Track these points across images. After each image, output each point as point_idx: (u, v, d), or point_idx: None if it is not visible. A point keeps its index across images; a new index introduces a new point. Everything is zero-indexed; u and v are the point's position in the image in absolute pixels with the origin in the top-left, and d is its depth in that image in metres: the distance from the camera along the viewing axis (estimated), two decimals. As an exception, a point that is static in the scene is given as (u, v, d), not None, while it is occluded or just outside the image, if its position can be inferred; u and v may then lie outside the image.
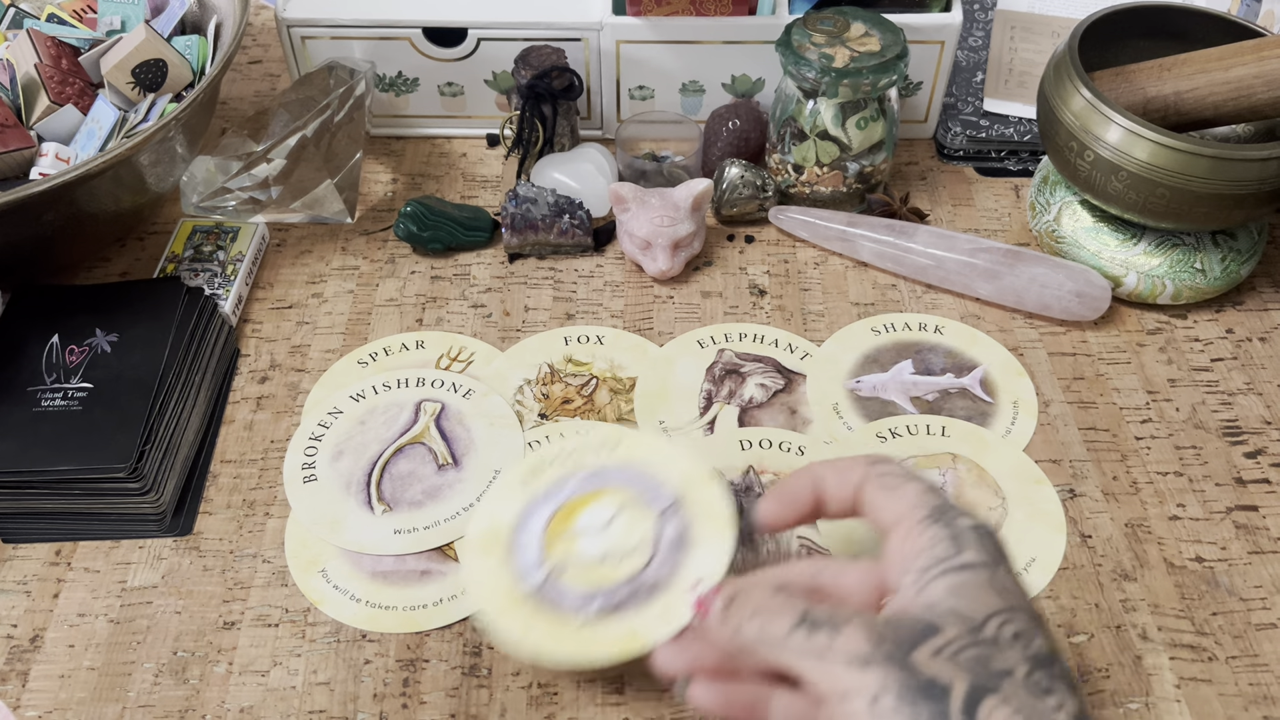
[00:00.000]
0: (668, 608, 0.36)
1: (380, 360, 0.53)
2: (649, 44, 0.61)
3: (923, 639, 0.29)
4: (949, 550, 0.31)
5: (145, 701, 0.40)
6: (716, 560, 0.37)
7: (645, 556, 0.37)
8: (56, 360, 0.48)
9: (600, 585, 0.37)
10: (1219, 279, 0.53)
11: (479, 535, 0.39)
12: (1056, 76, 0.52)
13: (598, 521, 0.39)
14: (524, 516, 0.40)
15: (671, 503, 0.39)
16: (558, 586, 0.37)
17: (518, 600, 0.37)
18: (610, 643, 0.36)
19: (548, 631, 0.36)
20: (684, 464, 0.40)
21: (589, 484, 0.40)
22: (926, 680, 0.28)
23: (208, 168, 0.56)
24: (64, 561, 0.44)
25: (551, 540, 0.39)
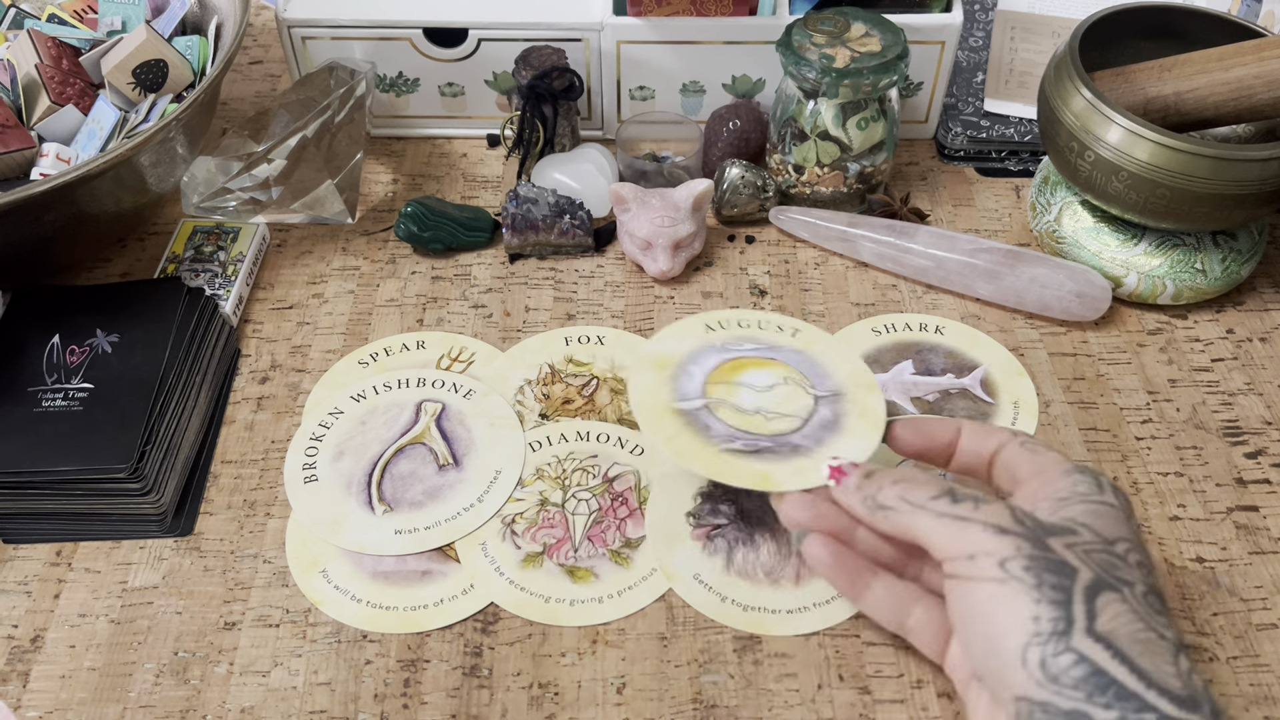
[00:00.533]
0: (802, 468, 0.39)
1: (381, 360, 0.53)
2: (649, 44, 0.61)
3: (1060, 533, 0.31)
4: (1092, 489, 0.33)
5: (146, 702, 0.40)
6: (862, 449, 0.39)
7: (795, 425, 0.40)
8: (57, 360, 0.48)
9: (748, 430, 0.40)
10: (1219, 279, 0.53)
11: (653, 352, 0.43)
12: (1057, 77, 0.52)
13: (760, 383, 0.42)
14: (697, 353, 0.43)
15: (832, 392, 0.42)
16: (709, 417, 0.40)
17: (672, 413, 0.41)
18: (743, 474, 0.39)
19: (690, 445, 0.39)
20: (853, 365, 0.43)
21: (763, 352, 0.43)
22: (1058, 559, 0.30)
23: (208, 168, 0.56)
24: (65, 562, 0.44)
25: (714, 381, 0.42)
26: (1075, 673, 0.28)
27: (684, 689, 0.40)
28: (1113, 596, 0.29)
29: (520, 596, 0.43)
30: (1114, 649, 0.29)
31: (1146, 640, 0.29)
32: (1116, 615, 0.29)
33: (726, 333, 0.44)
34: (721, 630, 0.42)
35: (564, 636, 0.42)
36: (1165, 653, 0.29)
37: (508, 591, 0.43)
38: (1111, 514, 0.32)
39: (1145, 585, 0.31)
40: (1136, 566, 0.31)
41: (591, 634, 0.42)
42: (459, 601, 0.43)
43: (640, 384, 0.42)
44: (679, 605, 0.43)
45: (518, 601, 0.43)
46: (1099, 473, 0.34)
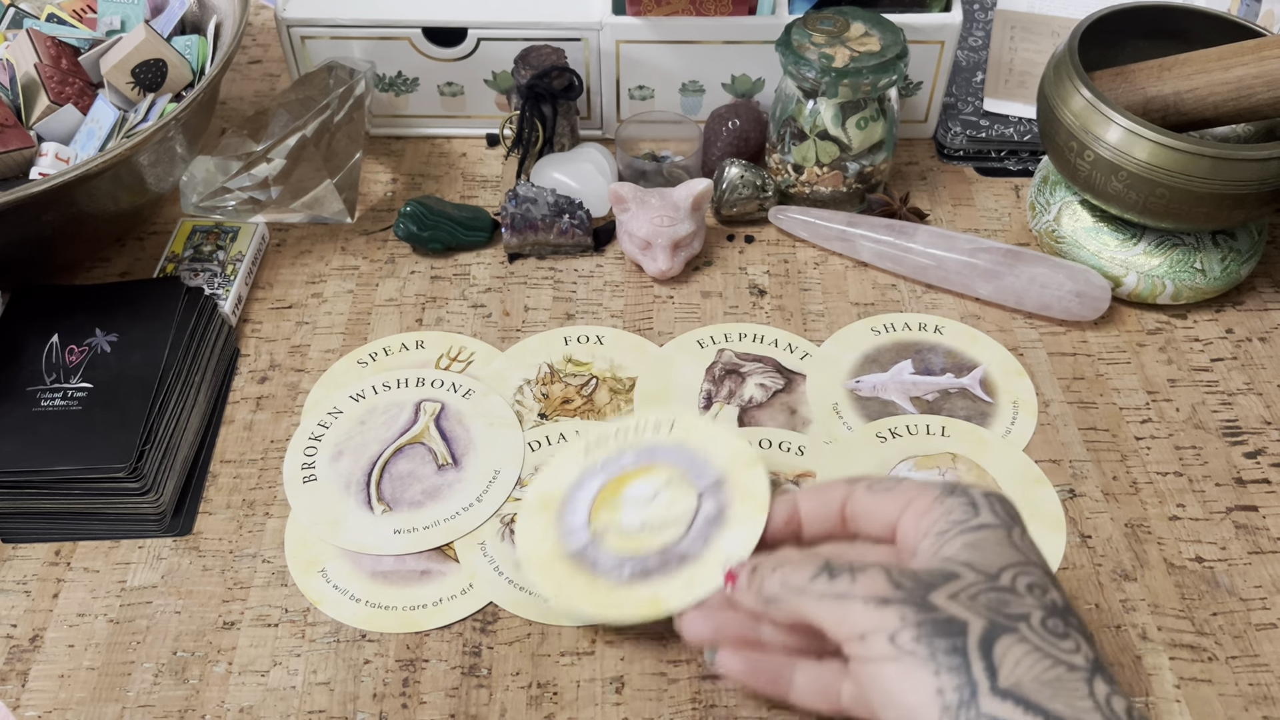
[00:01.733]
0: (693, 578, 0.38)
1: (380, 360, 0.53)
2: (649, 44, 0.61)
3: (940, 582, 0.30)
4: (966, 514, 0.32)
5: (145, 701, 0.40)
6: (747, 540, 0.38)
7: (681, 530, 0.40)
8: (56, 360, 0.48)
9: (635, 553, 0.40)
10: (1219, 279, 0.53)
11: (536, 496, 0.43)
12: (1056, 76, 0.52)
13: (643, 494, 0.41)
14: (578, 484, 0.43)
15: (714, 481, 0.41)
16: (597, 550, 0.40)
17: (559, 558, 0.41)
18: (633, 605, 0.38)
19: (581, 590, 0.40)
20: (731, 446, 0.42)
21: (641, 459, 0.43)
22: (945, 618, 0.29)
23: (207, 168, 0.56)
24: (64, 561, 0.44)
25: (598, 508, 0.42)
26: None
27: (683, 689, 0.40)
28: (1010, 640, 0.28)
29: (519, 596, 0.43)
30: (1024, 702, 0.27)
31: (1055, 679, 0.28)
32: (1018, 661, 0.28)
33: (604, 450, 0.44)
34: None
35: (563, 636, 0.42)
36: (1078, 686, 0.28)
37: (507, 591, 0.43)
38: (991, 538, 0.31)
39: (1042, 610, 0.29)
40: (1028, 592, 0.29)
41: (590, 634, 0.42)
42: (458, 601, 0.43)
43: (527, 533, 0.42)
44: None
45: (517, 601, 0.43)
46: (972, 489, 0.32)
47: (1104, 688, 0.28)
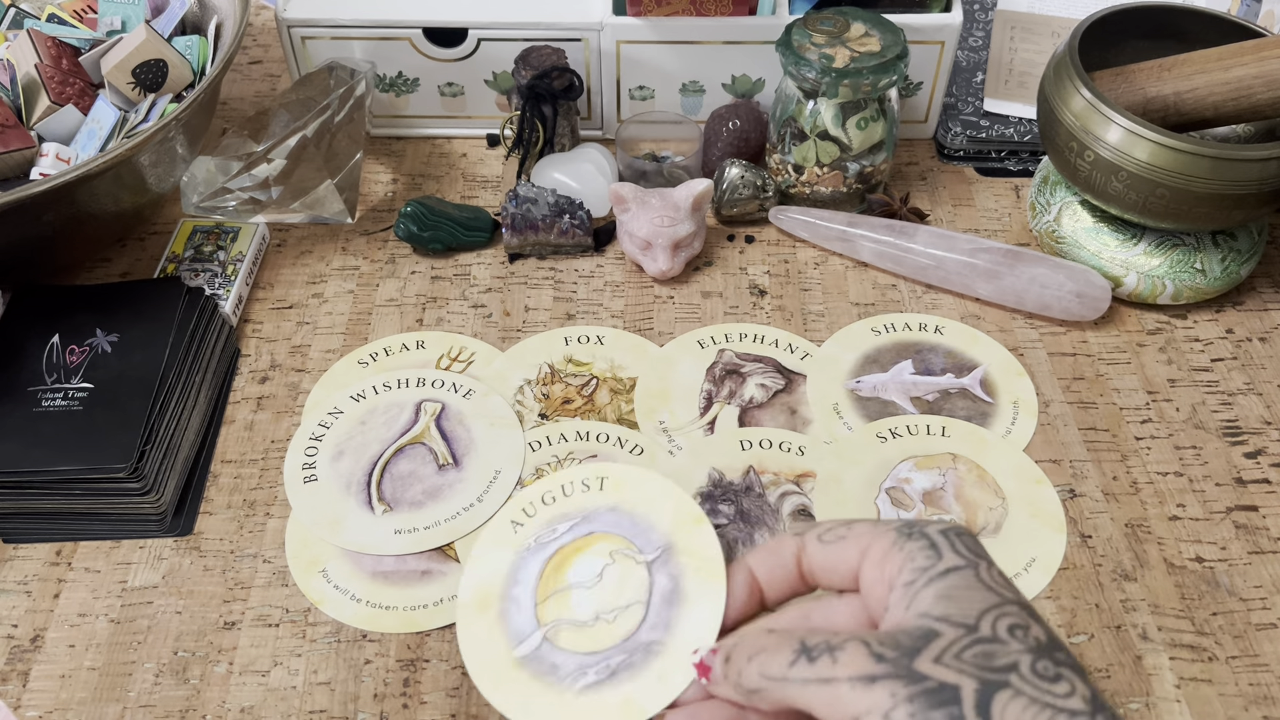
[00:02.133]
0: (663, 672, 0.35)
1: (381, 360, 0.53)
2: (649, 44, 0.61)
3: (923, 645, 0.28)
4: (929, 559, 0.30)
5: (146, 701, 0.40)
6: (710, 614, 0.35)
7: (638, 616, 0.37)
8: (57, 360, 0.48)
9: (594, 648, 0.36)
10: (1219, 279, 0.53)
11: (472, 593, 0.39)
12: (1057, 77, 0.52)
13: (589, 574, 0.38)
14: (515, 569, 0.39)
15: (660, 551, 0.38)
16: (552, 653, 0.37)
17: (513, 666, 0.37)
18: (607, 714, 0.35)
19: (546, 703, 0.36)
20: (671, 504, 0.39)
21: (579, 529, 0.39)
22: (935, 685, 0.28)
23: (208, 168, 0.56)
24: (64, 562, 0.45)
25: (544, 595, 0.38)
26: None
27: (683, 689, 0.40)
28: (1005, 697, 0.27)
29: (520, 596, 0.43)
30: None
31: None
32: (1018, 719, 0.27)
33: (535, 521, 0.40)
34: (721, 630, 0.42)
35: (563, 636, 0.42)
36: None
37: (507, 591, 0.43)
38: (961, 582, 0.30)
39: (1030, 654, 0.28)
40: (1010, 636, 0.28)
41: (591, 634, 0.42)
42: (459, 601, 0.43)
43: (469, 640, 0.38)
44: (678, 605, 0.42)
45: (517, 601, 0.42)
46: (927, 527, 0.31)
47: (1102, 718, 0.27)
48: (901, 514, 0.46)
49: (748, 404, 0.50)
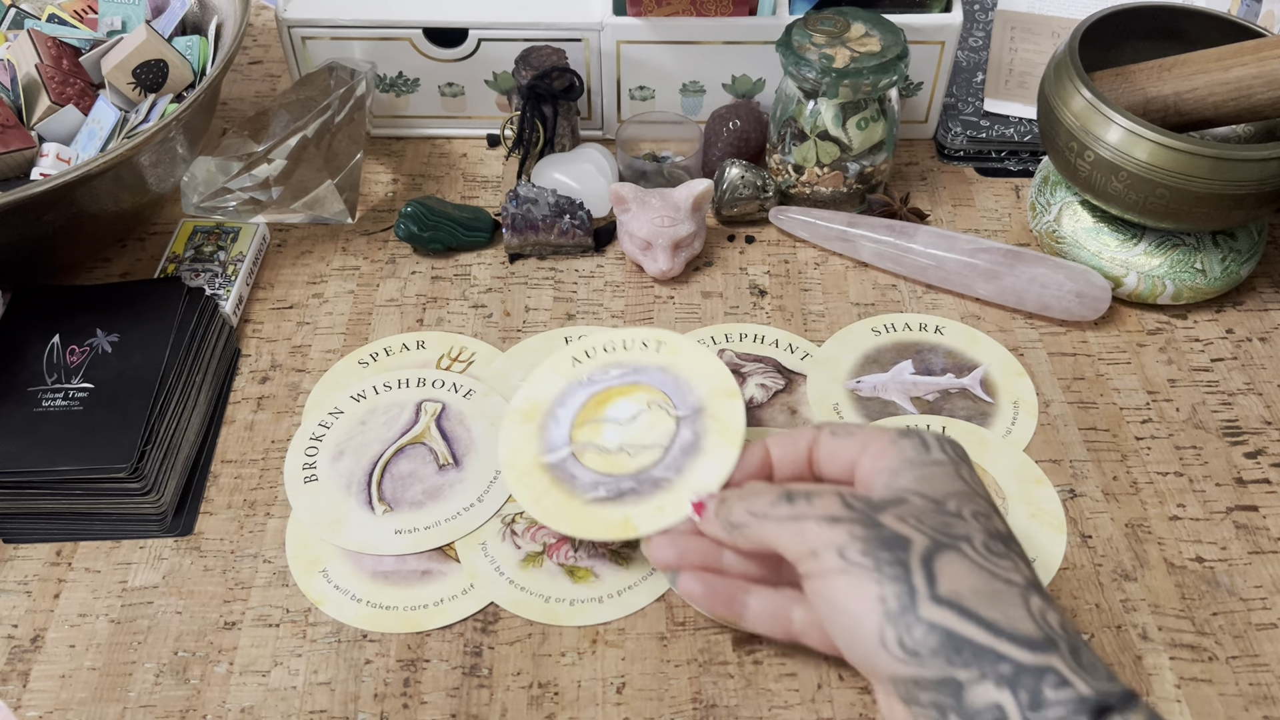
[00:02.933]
0: (664, 504, 0.40)
1: (381, 360, 0.53)
2: (649, 44, 0.61)
3: (890, 506, 0.32)
4: (918, 452, 0.34)
5: (146, 702, 0.40)
6: (719, 470, 0.40)
7: (657, 455, 0.42)
8: (57, 360, 0.48)
9: (611, 472, 0.42)
10: (1219, 279, 0.53)
11: (523, 402, 0.45)
12: (1057, 77, 0.52)
13: (624, 414, 0.44)
14: (564, 395, 0.45)
15: (693, 410, 0.43)
16: (574, 466, 0.43)
17: (539, 468, 0.43)
18: (606, 525, 0.41)
19: (557, 501, 0.42)
20: (714, 375, 0.44)
21: (627, 378, 0.45)
22: (890, 534, 0.31)
23: (208, 168, 0.56)
24: (65, 562, 0.45)
25: (580, 423, 0.44)
26: (930, 641, 0.29)
27: (684, 689, 0.40)
28: (951, 556, 0.30)
29: (520, 596, 0.43)
30: (960, 609, 0.29)
31: (992, 591, 0.29)
32: (958, 574, 0.30)
33: (593, 362, 0.46)
34: (721, 630, 0.42)
35: (564, 636, 0.42)
36: (1013, 598, 0.29)
37: (508, 591, 0.43)
38: (940, 472, 0.33)
39: (985, 534, 0.31)
40: (972, 518, 0.32)
41: (591, 634, 0.42)
42: (459, 601, 0.43)
43: (508, 441, 0.44)
44: (679, 605, 0.43)
45: (517, 601, 0.43)
46: (924, 431, 0.35)
47: (1039, 601, 0.30)
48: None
49: (748, 404, 0.50)
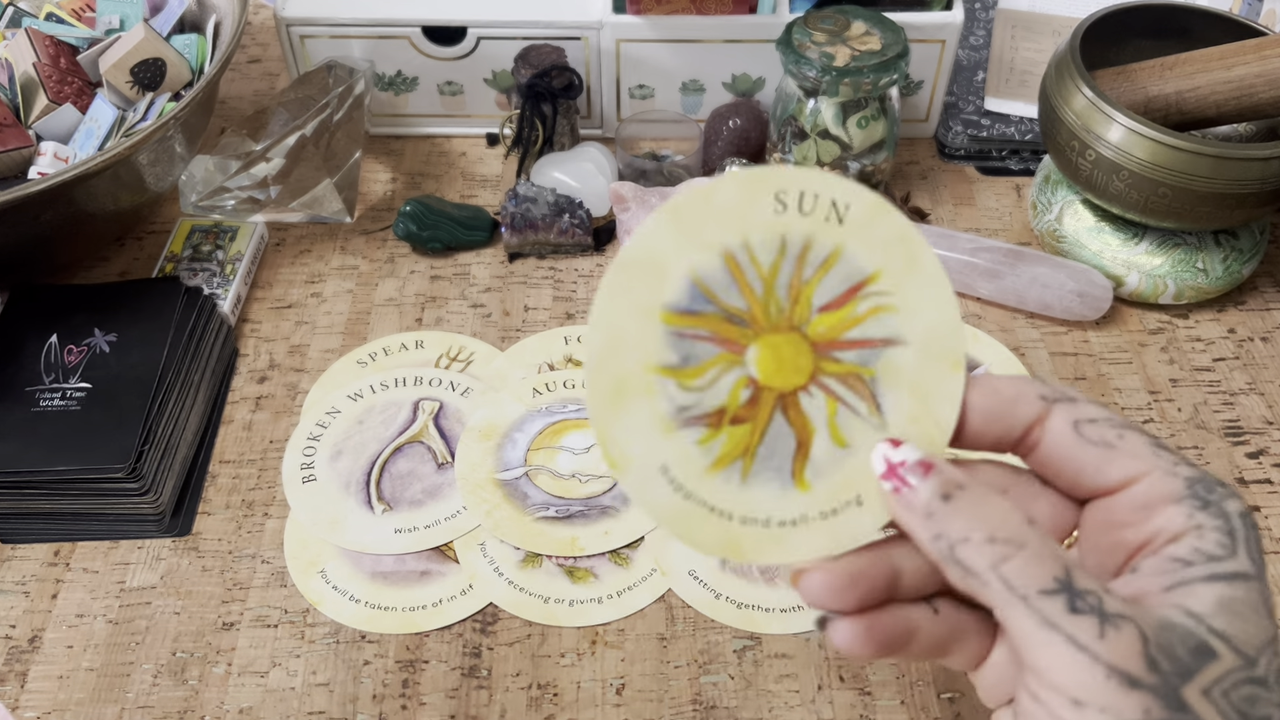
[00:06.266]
0: (611, 530, 0.43)
1: (379, 360, 0.52)
2: (649, 43, 0.61)
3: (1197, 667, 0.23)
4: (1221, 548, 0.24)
5: (144, 702, 0.40)
6: None
7: (606, 486, 0.45)
8: (55, 360, 0.47)
9: (562, 495, 0.44)
10: (1221, 279, 0.53)
11: (481, 422, 0.48)
12: (1058, 75, 0.52)
13: (579, 445, 0.46)
14: (522, 421, 0.48)
15: None
16: (527, 486, 0.45)
17: (492, 484, 0.45)
18: (554, 542, 0.43)
19: (507, 515, 0.44)
20: None
21: (584, 413, 0.46)
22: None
23: (206, 167, 0.56)
24: (62, 562, 0.44)
25: (537, 446, 0.46)
26: None
27: (684, 690, 0.40)
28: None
29: (519, 597, 0.43)
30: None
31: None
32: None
33: (553, 395, 0.48)
34: (721, 631, 0.42)
35: (563, 637, 0.42)
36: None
37: (507, 592, 0.43)
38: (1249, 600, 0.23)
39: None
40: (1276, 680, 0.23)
41: (591, 634, 0.42)
42: (458, 602, 0.43)
43: (466, 456, 0.46)
44: (678, 606, 0.42)
45: (517, 602, 0.42)
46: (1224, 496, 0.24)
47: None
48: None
49: (748, 404, 0.50)
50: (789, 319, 0.25)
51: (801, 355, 0.25)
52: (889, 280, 0.25)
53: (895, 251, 0.25)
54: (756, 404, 0.25)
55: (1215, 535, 0.24)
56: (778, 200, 0.25)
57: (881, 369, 0.25)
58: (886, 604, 0.26)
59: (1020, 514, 0.24)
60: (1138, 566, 0.24)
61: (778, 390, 0.25)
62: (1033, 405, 0.25)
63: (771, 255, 0.25)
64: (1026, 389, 0.26)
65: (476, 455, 0.47)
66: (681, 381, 0.25)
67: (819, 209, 0.25)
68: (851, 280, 0.25)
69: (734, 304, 0.25)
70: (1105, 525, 0.25)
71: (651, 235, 0.25)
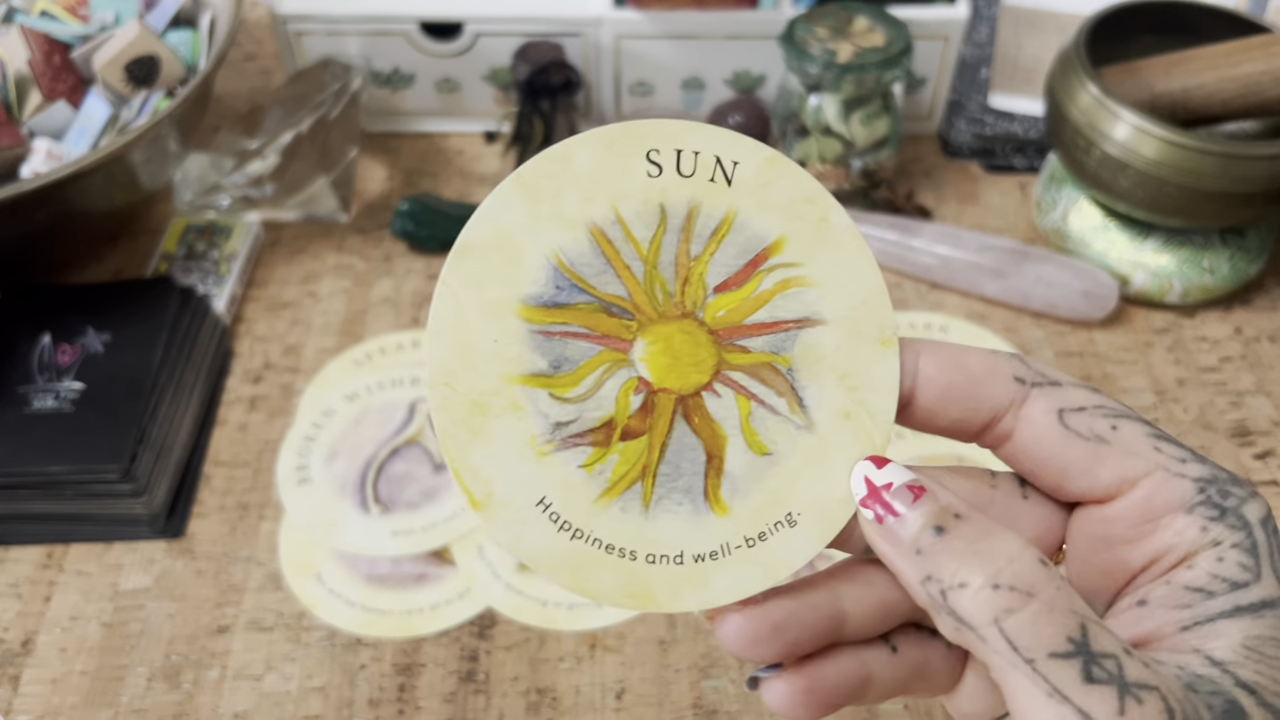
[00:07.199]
0: None
1: (376, 360, 0.52)
2: (649, 39, 0.60)
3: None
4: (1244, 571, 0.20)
5: (138, 706, 0.39)
6: None
7: None
8: (48, 360, 0.47)
9: None
10: (1228, 278, 0.52)
11: None
12: (1064, 72, 0.51)
13: None
14: None
15: None
16: None
17: None
18: None
19: None
20: None
21: None
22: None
23: (201, 165, 0.56)
24: (55, 564, 0.44)
25: None
26: None
27: (684, 694, 0.39)
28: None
29: (517, 601, 0.42)
30: None
31: None
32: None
33: None
34: (722, 635, 0.41)
35: (562, 641, 0.41)
36: None
37: (505, 595, 0.42)
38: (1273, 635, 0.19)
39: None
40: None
41: (590, 639, 0.41)
42: (455, 606, 0.42)
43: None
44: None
45: (515, 606, 0.42)
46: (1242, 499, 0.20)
47: None
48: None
49: (749, 404, 0.50)
50: (680, 304, 0.21)
51: (700, 347, 0.21)
52: (796, 249, 0.21)
53: (800, 214, 0.21)
54: (651, 412, 0.21)
55: (1236, 554, 0.20)
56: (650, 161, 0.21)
57: (799, 356, 0.21)
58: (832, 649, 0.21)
59: (1032, 552, 0.19)
60: (1147, 599, 0.20)
61: (675, 392, 0.21)
62: (1004, 386, 0.21)
63: (650, 228, 0.21)
64: (999, 365, 0.21)
65: None
66: (554, 392, 0.20)
67: (701, 169, 0.21)
68: (751, 251, 0.21)
69: (610, 290, 0.21)
70: (1100, 541, 0.21)
71: (497, 211, 0.21)
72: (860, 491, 0.21)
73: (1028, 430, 0.21)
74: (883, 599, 0.21)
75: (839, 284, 0.21)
